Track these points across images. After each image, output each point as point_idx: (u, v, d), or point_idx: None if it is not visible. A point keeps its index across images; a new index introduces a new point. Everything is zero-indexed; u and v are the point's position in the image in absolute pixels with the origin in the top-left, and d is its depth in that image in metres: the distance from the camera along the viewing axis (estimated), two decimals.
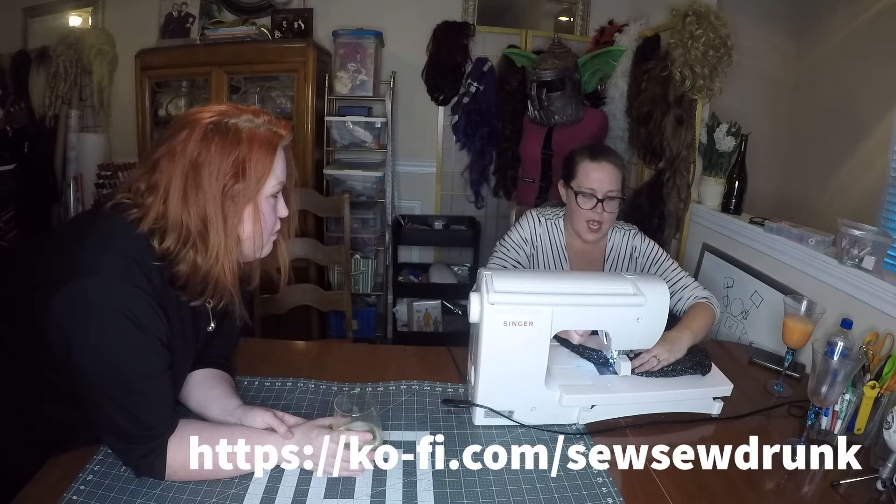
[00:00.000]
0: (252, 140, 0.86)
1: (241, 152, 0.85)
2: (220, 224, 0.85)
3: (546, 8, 3.25)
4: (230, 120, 0.86)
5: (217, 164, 0.84)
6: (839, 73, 2.57)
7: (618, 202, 1.47)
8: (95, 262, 0.80)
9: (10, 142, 2.78)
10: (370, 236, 2.98)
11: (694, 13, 2.02)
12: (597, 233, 1.48)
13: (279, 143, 0.90)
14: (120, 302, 0.80)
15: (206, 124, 0.85)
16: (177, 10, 2.81)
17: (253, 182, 0.86)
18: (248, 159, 0.85)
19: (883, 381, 1.09)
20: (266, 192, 0.89)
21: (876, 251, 1.38)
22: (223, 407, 0.98)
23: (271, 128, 0.90)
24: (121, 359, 0.81)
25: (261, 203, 0.89)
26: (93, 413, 0.83)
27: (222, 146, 0.84)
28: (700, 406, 1.18)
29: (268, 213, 0.91)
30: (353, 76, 2.81)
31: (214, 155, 0.84)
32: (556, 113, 2.48)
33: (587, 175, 1.46)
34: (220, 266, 0.86)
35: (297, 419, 0.97)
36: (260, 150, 0.86)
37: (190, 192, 0.83)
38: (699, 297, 1.43)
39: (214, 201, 0.84)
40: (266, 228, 0.92)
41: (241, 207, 0.87)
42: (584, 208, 1.46)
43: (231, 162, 0.84)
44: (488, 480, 0.93)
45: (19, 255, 0.90)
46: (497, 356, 1.05)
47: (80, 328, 0.79)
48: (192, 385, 1.03)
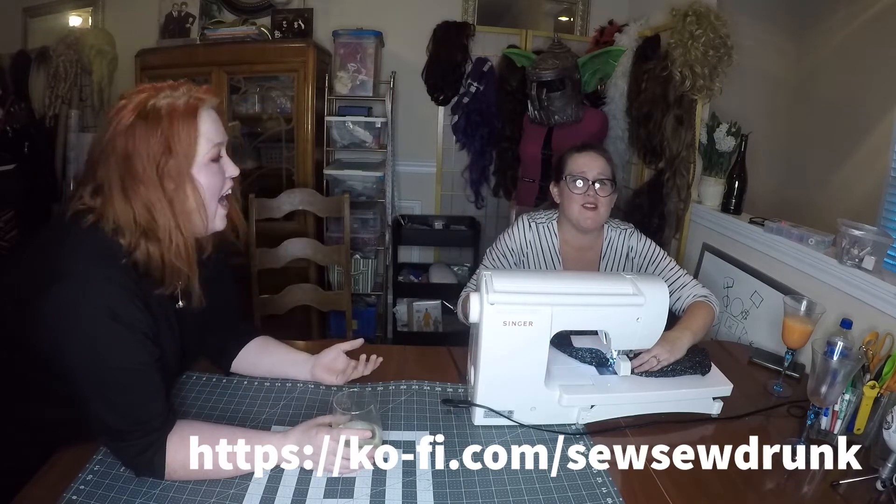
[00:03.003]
0: (171, 114, 0.86)
1: (163, 129, 0.85)
2: (166, 206, 0.86)
3: (546, 8, 3.25)
4: (149, 103, 0.86)
5: (144, 149, 0.84)
6: (839, 73, 2.57)
7: (610, 187, 1.47)
8: (72, 266, 0.82)
9: (10, 142, 2.78)
10: (370, 236, 2.97)
11: (694, 13, 2.02)
12: (594, 214, 1.46)
13: (199, 107, 0.89)
14: (101, 300, 0.81)
15: (128, 116, 0.85)
16: (177, 10, 2.81)
17: (183, 153, 0.86)
18: (172, 133, 0.85)
19: (883, 381, 1.09)
20: (202, 160, 0.89)
21: (876, 251, 1.38)
22: (296, 362, 1.18)
23: (191, 94, 0.89)
24: (106, 355, 0.82)
25: (199, 171, 0.89)
26: (87, 414, 0.84)
27: (145, 130, 0.84)
28: (700, 406, 1.18)
29: (211, 177, 0.91)
30: (353, 76, 2.81)
31: (140, 142, 0.84)
32: (556, 113, 2.48)
33: (575, 162, 1.49)
34: (175, 247, 0.87)
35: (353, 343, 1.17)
36: (182, 121, 0.86)
37: (128, 186, 0.84)
38: (698, 296, 1.43)
39: (153, 186, 0.85)
40: (213, 195, 0.92)
41: (182, 181, 0.87)
42: (577, 193, 1.46)
43: (157, 142, 0.84)
44: (488, 480, 0.93)
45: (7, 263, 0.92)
46: (497, 356, 1.05)
47: (66, 331, 0.80)
48: (253, 356, 1.18)
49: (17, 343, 0.86)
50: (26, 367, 0.88)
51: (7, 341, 0.87)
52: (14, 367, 0.89)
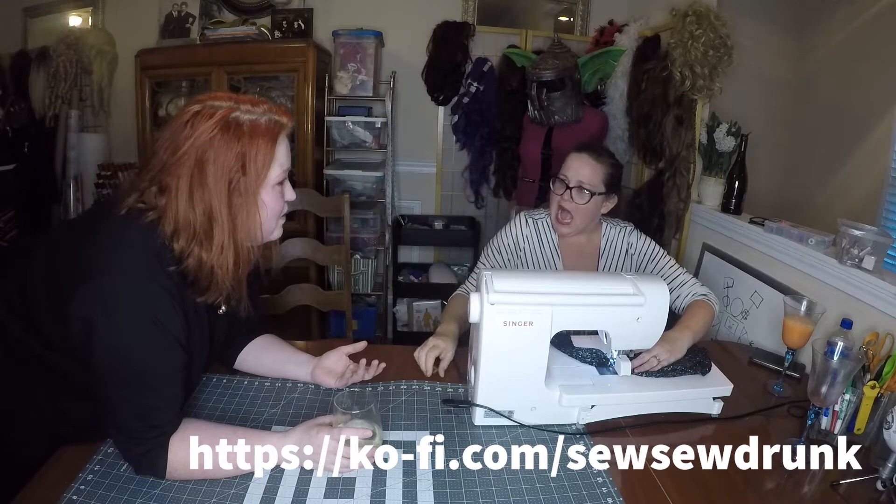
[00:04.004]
0: (253, 133, 0.87)
1: (244, 146, 0.86)
2: (227, 219, 0.87)
3: (546, 8, 3.25)
4: (231, 115, 0.87)
5: (221, 160, 0.85)
6: (839, 73, 2.57)
7: (587, 196, 1.44)
8: (119, 261, 0.83)
9: (10, 142, 2.78)
10: (370, 236, 2.97)
11: (694, 13, 2.02)
12: (566, 226, 1.48)
13: (280, 133, 0.91)
14: (143, 301, 0.82)
15: (210, 124, 0.85)
16: (177, 10, 2.81)
17: (257, 174, 0.88)
18: (251, 153, 0.87)
19: (883, 381, 1.09)
20: (272, 182, 0.91)
21: (876, 251, 1.38)
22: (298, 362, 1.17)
23: (272, 116, 0.90)
24: (140, 357, 0.83)
25: (266, 193, 0.91)
26: (103, 407, 0.85)
27: (225, 142, 0.85)
28: (700, 406, 1.18)
29: (275, 200, 0.93)
30: (353, 76, 2.80)
31: (219, 151, 0.85)
32: (556, 113, 2.48)
33: (566, 163, 1.50)
34: (225, 260, 0.87)
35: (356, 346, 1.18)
36: (262, 142, 0.88)
37: (196, 191, 0.85)
38: (698, 295, 1.43)
39: (220, 197, 0.86)
40: (274, 215, 0.95)
41: (249, 200, 0.88)
42: (555, 193, 1.49)
43: (234, 156, 0.86)
44: (488, 480, 0.93)
45: (30, 253, 0.92)
46: (497, 356, 1.05)
47: (103, 326, 0.81)
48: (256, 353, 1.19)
49: (52, 329, 0.86)
50: (43, 347, 0.88)
51: (24, 317, 0.88)
52: (30, 348, 0.89)
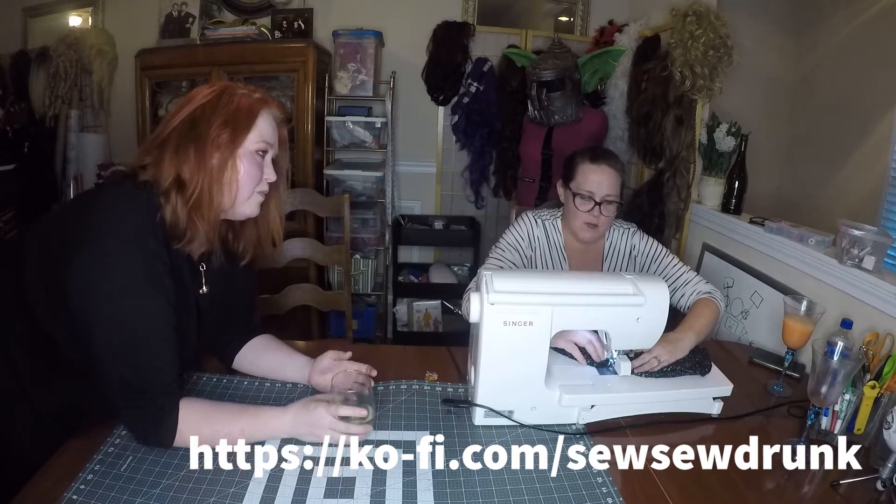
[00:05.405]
0: (240, 101, 0.97)
1: (230, 108, 0.95)
2: (205, 168, 0.93)
3: (546, 8, 3.25)
4: (228, 88, 0.98)
5: (209, 117, 0.94)
6: (839, 73, 2.57)
7: (615, 206, 1.47)
8: (110, 224, 0.88)
9: (10, 142, 2.78)
10: (370, 236, 2.97)
11: (694, 13, 2.02)
12: (593, 233, 1.48)
13: (264, 107, 0.99)
14: (135, 261, 0.87)
15: (208, 93, 0.96)
16: (177, 10, 2.81)
17: (235, 134, 0.95)
18: (234, 113, 0.95)
19: (883, 381, 1.09)
20: (249, 145, 0.97)
21: (876, 251, 1.38)
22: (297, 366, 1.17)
23: (263, 96, 1.01)
24: (135, 316, 0.87)
25: (243, 155, 0.96)
26: (107, 374, 0.88)
27: (215, 104, 0.95)
28: (700, 406, 1.18)
29: (252, 166, 0.98)
30: (353, 76, 2.80)
31: (207, 110, 0.94)
32: (556, 113, 2.48)
33: (586, 177, 1.46)
34: (197, 202, 0.92)
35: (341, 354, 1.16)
36: (245, 108, 0.97)
37: (182, 144, 0.92)
38: (702, 293, 1.42)
39: (202, 149, 0.93)
40: (249, 181, 0.98)
41: (226, 155, 0.95)
42: (582, 210, 1.46)
43: (219, 115, 0.94)
44: (488, 480, 0.93)
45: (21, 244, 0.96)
46: (497, 356, 1.05)
47: (98, 288, 0.85)
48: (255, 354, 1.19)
49: (48, 304, 0.90)
50: (50, 324, 0.91)
51: (37, 302, 0.91)
52: (43, 332, 0.92)
